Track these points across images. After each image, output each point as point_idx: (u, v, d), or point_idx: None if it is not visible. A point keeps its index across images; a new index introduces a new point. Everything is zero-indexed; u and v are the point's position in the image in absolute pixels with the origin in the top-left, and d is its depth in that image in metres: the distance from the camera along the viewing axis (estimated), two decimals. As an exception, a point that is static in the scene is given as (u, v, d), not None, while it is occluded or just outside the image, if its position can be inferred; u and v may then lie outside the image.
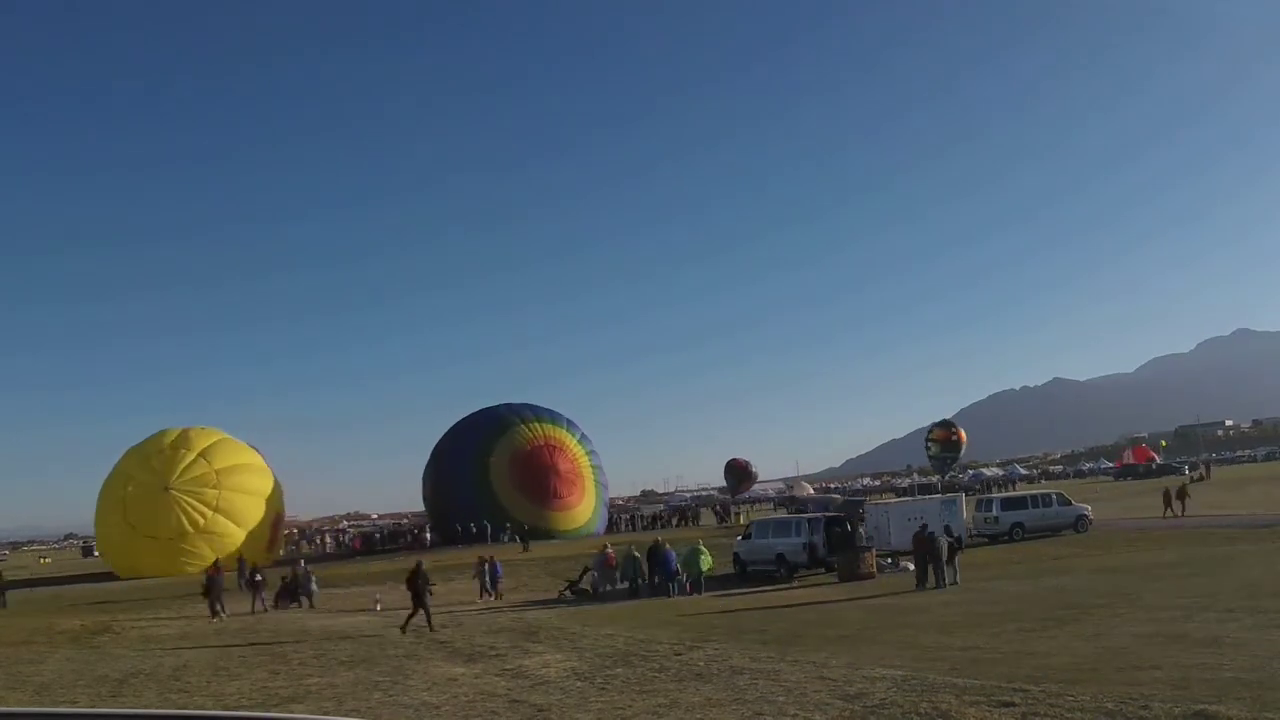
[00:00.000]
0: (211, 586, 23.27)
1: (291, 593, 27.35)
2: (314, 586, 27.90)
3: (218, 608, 22.59)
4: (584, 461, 52.94)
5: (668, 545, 26.79)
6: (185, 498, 43.31)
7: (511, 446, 50.87)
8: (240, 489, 45.71)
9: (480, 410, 55.65)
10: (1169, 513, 35.71)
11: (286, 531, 67.58)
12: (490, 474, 50.32)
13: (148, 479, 44.36)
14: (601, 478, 54.72)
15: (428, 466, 54.72)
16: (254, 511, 46.04)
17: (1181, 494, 36.82)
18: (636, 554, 26.49)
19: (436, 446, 54.77)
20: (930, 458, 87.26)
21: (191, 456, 45.48)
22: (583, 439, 54.28)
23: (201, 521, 43.16)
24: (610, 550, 27.87)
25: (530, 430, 51.99)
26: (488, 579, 27.72)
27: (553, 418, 54.04)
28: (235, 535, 43.98)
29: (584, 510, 50.97)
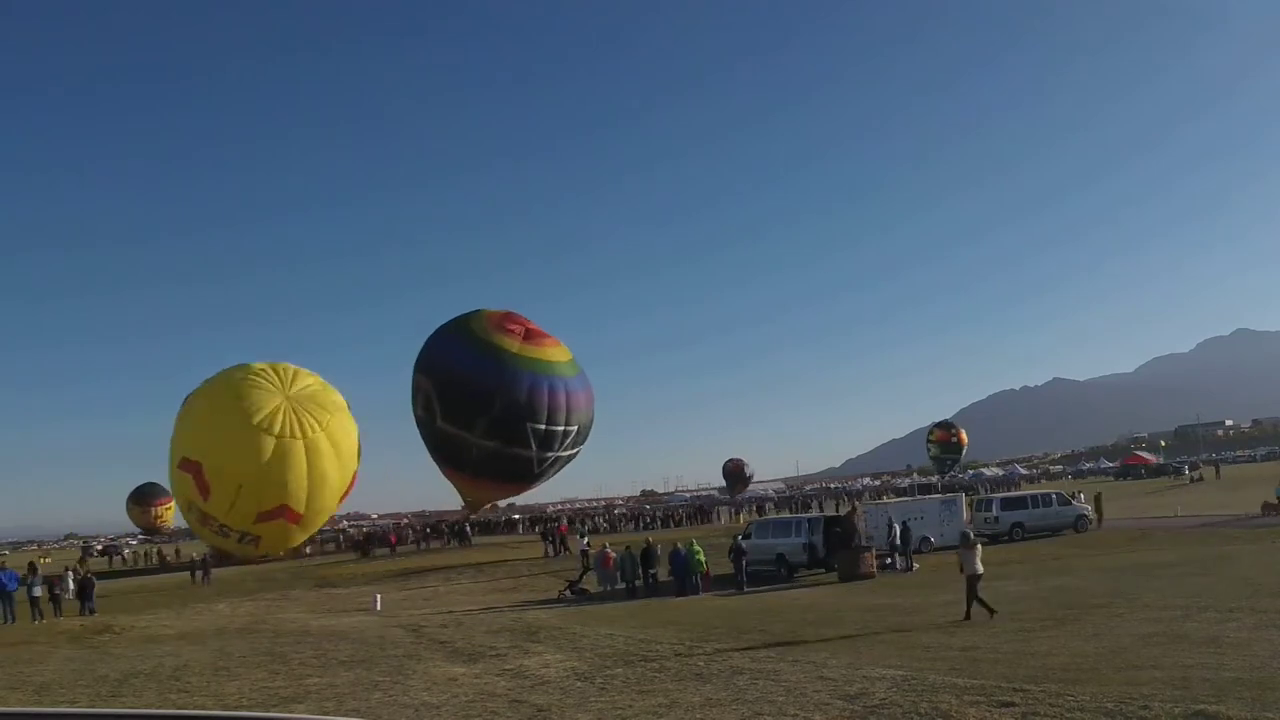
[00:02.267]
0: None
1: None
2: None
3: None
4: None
5: (678, 544, 26.78)
6: (301, 408, 46.36)
7: (484, 314, 49.04)
8: (342, 424, 48.75)
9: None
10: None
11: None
12: (469, 321, 48.40)
13: (265, 383, 47.23)
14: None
15: (415, 389, 49.84)
16: (348, 448, 48.76)
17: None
18: (634, 554, 26.50)
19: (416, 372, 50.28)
20: (931, 458, 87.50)
21: (308, 381, 49.08)
22: None
23: (310, 433, 45.72)
24: (609, 550, 27.88)
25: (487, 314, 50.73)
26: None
27: None
28: (330, 458, 46.59)
29: (563, 352, 48.99)
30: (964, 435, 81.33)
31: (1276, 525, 28.02)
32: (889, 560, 27.01)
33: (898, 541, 27.31)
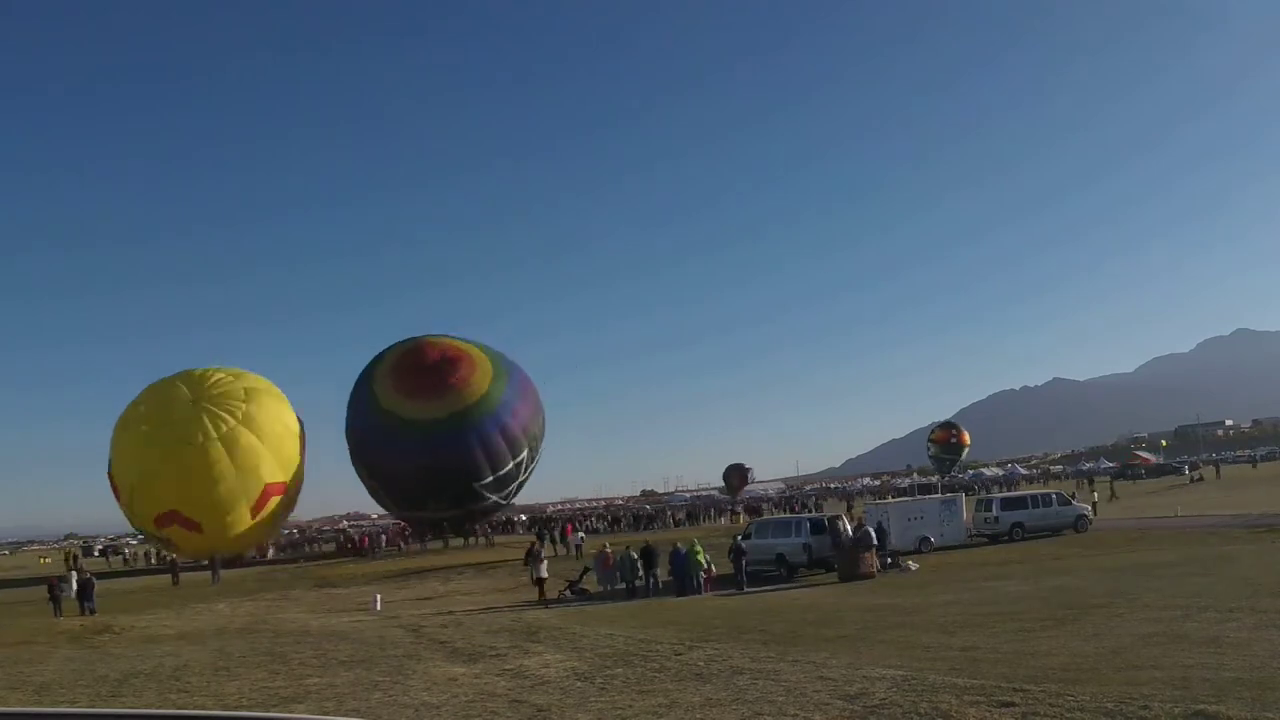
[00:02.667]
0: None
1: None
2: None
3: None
4: (462, 343, 50.07)
5: (678, 544, 26.77)
6: (211, 406, 44.09)
7: (389, 363, 48.87)
8: (267, 410, 45.82)
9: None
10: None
11: (288, 531, 67.42)
12: (376, 391, 47.50)
13: (176, 393, 45.49)
14: (493, 353, 50.74)
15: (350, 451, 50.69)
16: (281, 433, 45.95)
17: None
18: (634, 554, 26.50)
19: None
20: (931, 458, 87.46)
21: (221, 375, 46.83)
22: (464, 339, 51.24)
23: (224, 429, 43.24)
24: (609, 550, 27.88)
25: (401, 345, 49.87)
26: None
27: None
28: (258, 450, 44.01)
29: (480, 379, 47.33)
30: (966, 436, 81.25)
31: (1276, 525, 27.99)
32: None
33: (874, 542, 26.96)
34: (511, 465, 46.14)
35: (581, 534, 42.05)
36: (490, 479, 45.45)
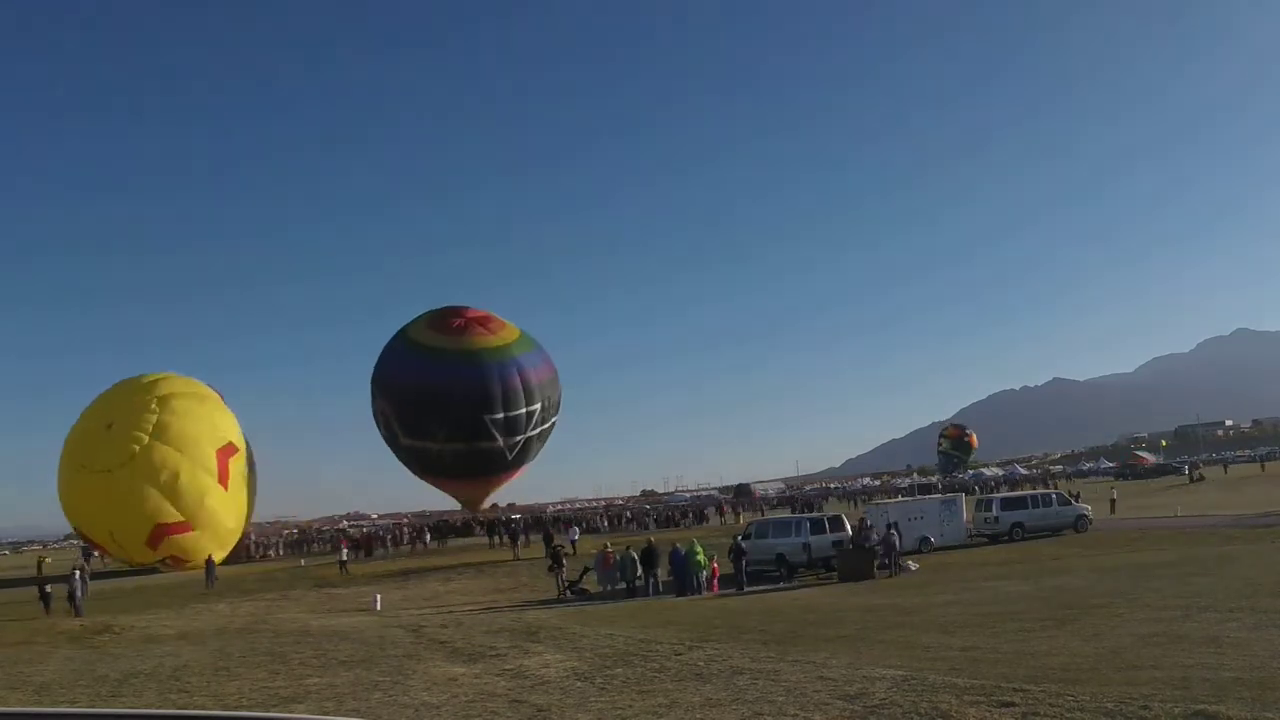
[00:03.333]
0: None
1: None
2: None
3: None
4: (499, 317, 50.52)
5: (678, 544, 26.78)
6: (123, 427, 42.15)
7: (427, 316, 48.87)
8: (182, 414, 43.75)
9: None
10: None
11: (287, 531, 67.42)
12: (408, 330, 47.91)
13: (92, 422, 43.70)
14: (524, 331, 51.21)
15: (376, 411, 49.73)
16: (197, 437, 43.82)
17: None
18: (634, 554, 26.51)
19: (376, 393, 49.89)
20: (940, 453, 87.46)
21: (133, 393, 44.80)
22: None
23: (137, 449, 41.44)
24: (610, 549, 27.89)
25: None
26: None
27: None
28: (172, 459, 42.22)
29: (507, 334, 48.08)
30: (974, 439, 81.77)
31: (1276, 525, 28.01)
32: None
33: (897, 546, 27.25)
34: (524, 412, 45.87)
35: (576, 531, 42.42)
36: (500, 416, 45.13)
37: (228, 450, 45.57)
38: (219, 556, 43.94)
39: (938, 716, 7.41)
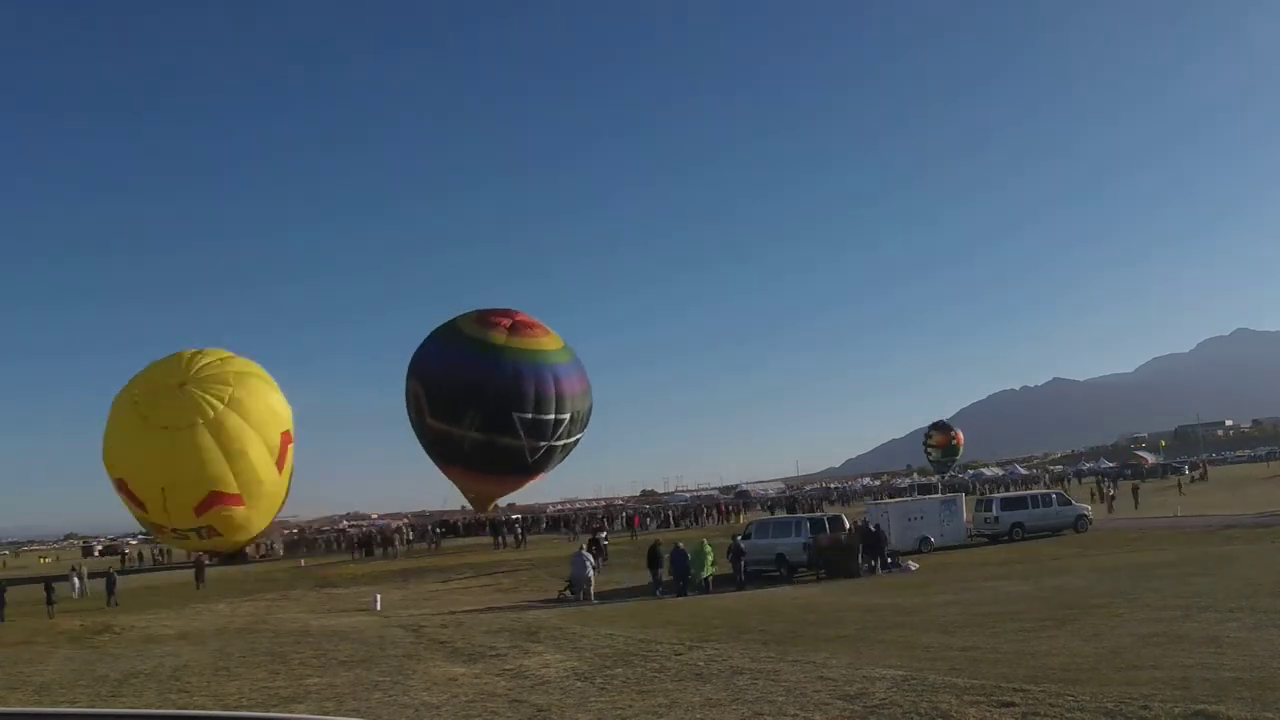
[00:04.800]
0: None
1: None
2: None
3: None
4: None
5: (678, 544, 26.71)
6: (198, 391, 43.94)
7: (469, 317, 49.80)
8: (254, 392, 46.04)
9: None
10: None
11: (287, 531, 67.36)
12: (456, 321, 49.03)
13: (162, 378, 45.27)
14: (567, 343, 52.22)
15: (409, 396, 50.19)
16: (267, 417, 46.04)
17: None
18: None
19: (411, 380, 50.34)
20: (930, 461, 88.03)
21: (207, 360, 46.68)
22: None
23: (212, 414, 43.23)
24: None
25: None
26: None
27: None
28: (245, 433, 44.13)
29: (550, 342, 49.26)
30: (960, 436, 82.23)
31: (1276, 525, 27.99)
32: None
33: (885, 540, 27.37)
34: (552, 418, 46.30)
35: (607, 534, 42.81)
36: (530, 416, 45.43)
37: (288, 437, 47.45)
38: (248, 539, 45.49)
39: (938, 716, 7.41)
